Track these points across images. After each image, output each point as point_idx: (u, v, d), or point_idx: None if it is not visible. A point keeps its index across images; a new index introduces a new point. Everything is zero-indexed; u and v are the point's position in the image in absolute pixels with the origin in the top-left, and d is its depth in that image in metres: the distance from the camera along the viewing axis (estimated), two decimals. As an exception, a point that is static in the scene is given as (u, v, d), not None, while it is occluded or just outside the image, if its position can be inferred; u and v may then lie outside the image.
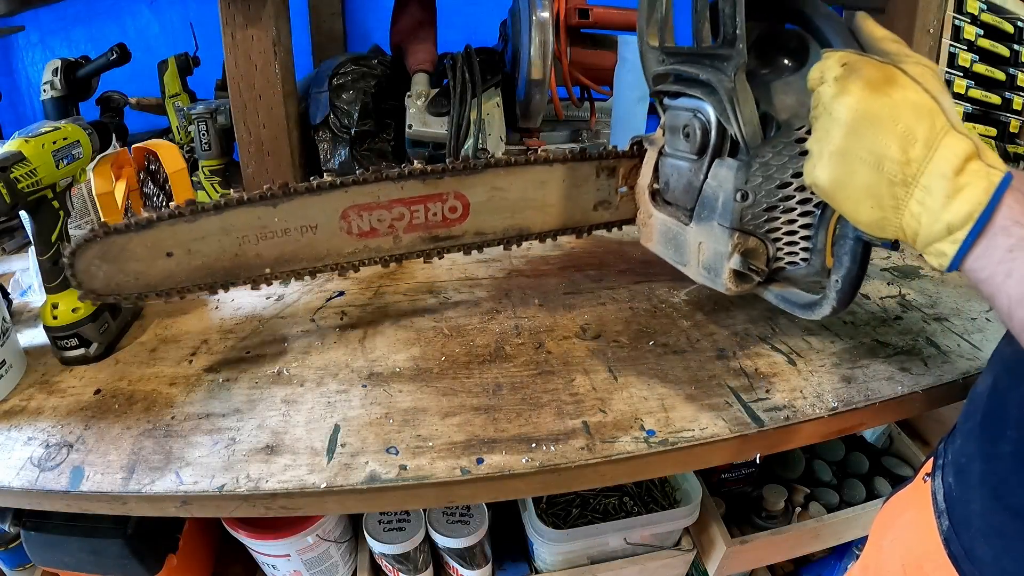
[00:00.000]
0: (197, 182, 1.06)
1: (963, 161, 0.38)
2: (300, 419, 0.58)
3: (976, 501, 0.45)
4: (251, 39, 0.88)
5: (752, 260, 0.56)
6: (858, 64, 0.42)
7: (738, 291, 0.58)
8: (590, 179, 0.68)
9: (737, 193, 0.54)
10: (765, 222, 0.56)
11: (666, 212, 0.64)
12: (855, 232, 0.49)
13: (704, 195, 0.58)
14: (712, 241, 0.58)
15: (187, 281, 0.58)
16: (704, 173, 0.57)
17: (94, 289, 0.56)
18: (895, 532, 0.55)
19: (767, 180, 0.54)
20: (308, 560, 0.75)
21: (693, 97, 0.57)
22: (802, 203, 0.55)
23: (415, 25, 1.06)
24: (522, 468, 0.52)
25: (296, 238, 0.60)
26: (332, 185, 0.59)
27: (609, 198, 0.70)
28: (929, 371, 0.64)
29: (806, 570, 1.03)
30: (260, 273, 0.60)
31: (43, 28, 1.32)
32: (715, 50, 0.52)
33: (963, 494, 0.46)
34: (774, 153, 0.53)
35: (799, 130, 0.52)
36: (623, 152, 0.68)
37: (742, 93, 0.51)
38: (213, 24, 0.88)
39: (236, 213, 0.57)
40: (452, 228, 0.65)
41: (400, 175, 0.61)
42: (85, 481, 0.51)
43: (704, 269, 0.60)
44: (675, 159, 0.61)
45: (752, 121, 0.52)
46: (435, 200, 0.63)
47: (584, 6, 1.03)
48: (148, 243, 0.56)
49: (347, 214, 0.61)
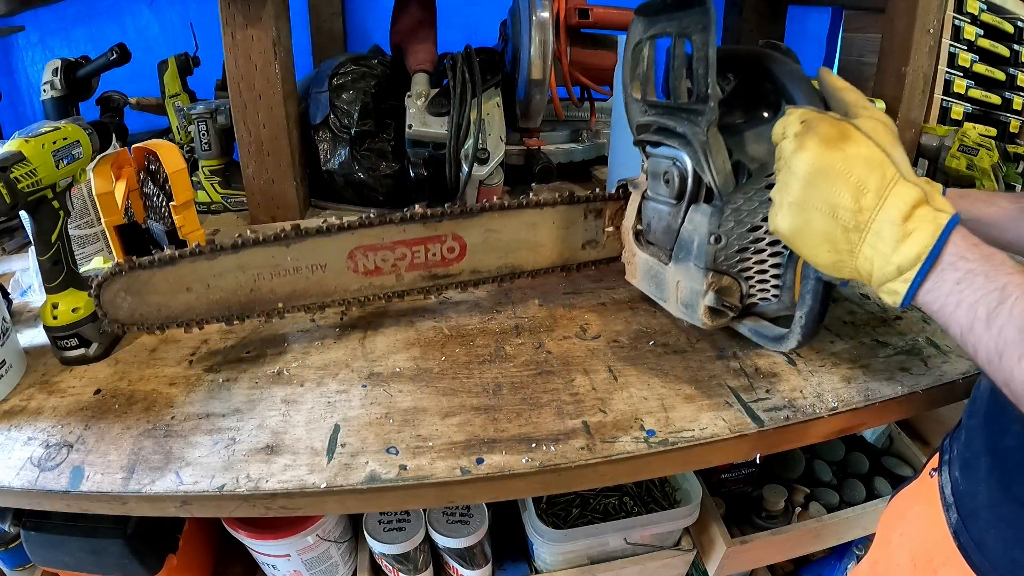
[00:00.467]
0: (197, 182, 1.06)
1: (911, 208, 0.42)
2: (300, 419, 0.58)
3: (984, 493, 0.46)
4: (251, 39, 0.88)
5: (726, 297, 0.60)
6: (815, 121, 0.46)
7: (713, 325, 0.62)
8: (578, 221, 0.72)
9: (711, 236, 0.58)
10: (738, 262, 0.60)
11: (648, 251, 0.68)
12: (816, 273, 0.53)
13: (681, 238, 0.62)
14: (689, 280, 0.62)
15: (206, 314, 0.62)
16: (681, 218, 0.62)
17: (119, 319, 0.60)
18: (904, 526, 0.56)
19: (739, 224, 0.58)
20: (308, 560, 0.75)
21: (672, 147, 0.60)
22: (771, 244, 0.59)
23: (415, 25, 1.06)
24: (522, 468, 0.52)
25: (307, 276, 0.64)
26: (340, 228, 0.63)
27: (596, 237, 0.74)
28: (929, 371, 0.64)
29: (806, 570, 1.03)
30: (273, 307, 0.65)
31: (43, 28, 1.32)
32: (690, 105, 0.56)
33: (970, 487, 0.48)
34: (745, 199, 0.57)
35: (768, 177, 0.56)
36: (609, 195, 0.72)
37: (715, 146, 0.55)
38: (213, 24, 0.88)
39: (252, 252, 0.61)
40: (450, 267, 0.69)
41: (403, 219, 0.65)
42: (85, 481, 0.51)
43: (682, 305, 0.65)
44: (656, 203, 0.66)
45: (724, 171, 0.55)
46: (434, 241, 0.67)
47: (584, 6, 1.03)
48: (170, 279, 0.60)
49: (354, 254, 0.65)
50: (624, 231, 0.72)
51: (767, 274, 0.61)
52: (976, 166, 1.06)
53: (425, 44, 1.05)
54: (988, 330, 0.37)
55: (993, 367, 0.38)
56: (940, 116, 1.21)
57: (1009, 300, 0.37)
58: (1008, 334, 0.36)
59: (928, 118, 1.19)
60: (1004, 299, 0.37)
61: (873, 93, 1.18)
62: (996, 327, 0.37)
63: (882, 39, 1.15)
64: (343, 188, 1.04)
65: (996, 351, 0.37)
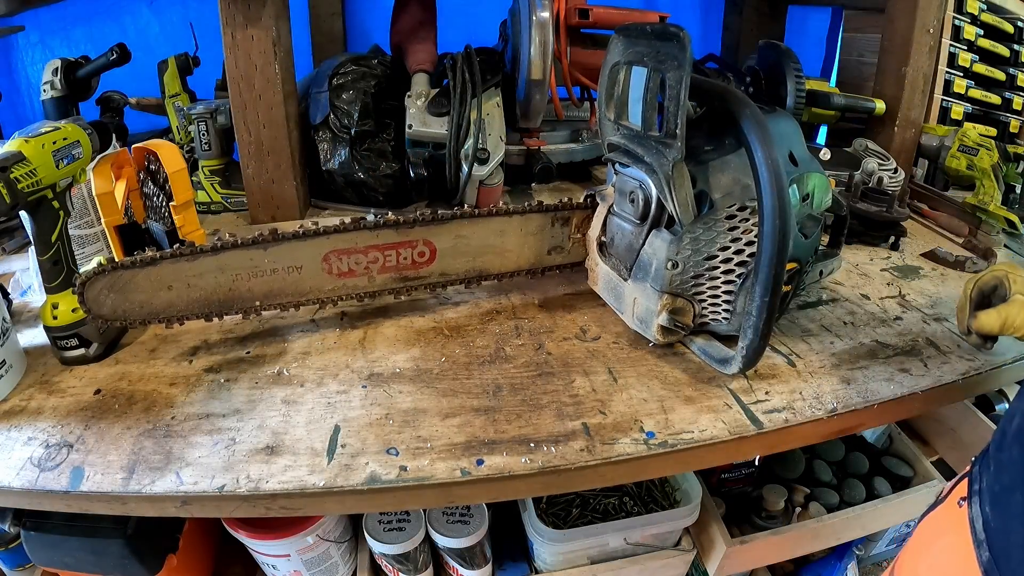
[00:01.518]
0: (197, 182, 1.06)
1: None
2: (300, 419, 0.58)
3: (1017, 532, 0.44)
4: (251, 39, 0.88)
5: (679, 317, 0.64)
6: None
7: (665, 342, 0.66)
8: (545, 228, 0.75)
9: (668, 262, 0.61)
10: (692, 286, 0.63)
11: (609, 264, 0.71)
12: (757, 309, 0.56)
13: (640, 259, 0.65)
14: (645, 299, 0.65)
15: (186, 310, 0.65)
16: (643, 239, 0.64)
17: (102, 314, 0.62)
18: (932, 558, 0.54)
19: (696, 252, 0.61)
20: (308, 560, 0.75)
21: (639, 171, 0.62)
22: (726, 272, 0.62)
23: (415, 25, 1.06)
24: (522, 469, 0.52)
25: (283, 276, 0.67)
26: (316, 232, 0.66)
27: (562, 244, 0.77)
28: (929, 372, 0.64)
29: (806, 570, 1.03)
30: (251, 305, 0.67)
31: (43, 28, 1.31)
32: (660, 138, 0.58)
33: (1003, 524, 0.46)
34: (704, 229, 0.60)
35: (730, 208, 0.59)
36: (577, 204, 0.75)
37: (678, 180, 0.57)
38: (213, 24, 0.88)
39: (231, 254, 0.63)
40: (420, 270, 0.72)
41: (376, 225, 0.67)
42: (85, 481, 0.51)
43: (637, 319, 0.68)
44: (621, 220, 0.68)
45: (686, 204, 0.58)
46: (406, 246, 0.70)
47: (584, 6, 1.03)
48: (152, 277, 0.62)
49: (328, 257, 0.67)
50: (589, 240, 0.75)
51: (719, 299, 0.64)
52: (976, 166, 1.06)
53: (425, 44, 1.05)
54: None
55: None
56: (940, 116, 1.21)
57: None
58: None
59: (928, 118, 1.19)
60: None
61: (873, 93, 1.18)
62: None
63: (882, 39, 1.15)
64: (343, 188, 1.04)
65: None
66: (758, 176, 0.52)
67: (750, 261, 0.61)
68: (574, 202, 0.74)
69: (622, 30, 0.63)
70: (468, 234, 0.71)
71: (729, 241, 0.60)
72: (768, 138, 0.52)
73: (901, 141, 1.16)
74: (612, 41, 0.64)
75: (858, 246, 0.94)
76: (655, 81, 0.57)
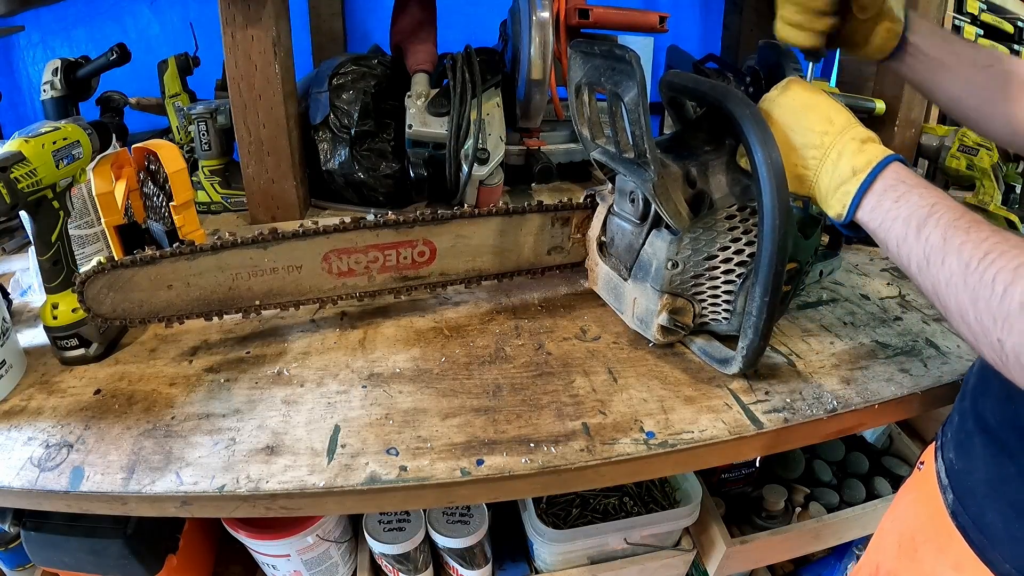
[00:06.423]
0: (197, 182, 1.06)
1: (867, 138, 0.52)
2: (300, 420, 0.58)
3: (980, 470, 0.48)
4: (251, 39, 0.88)
5: (679, 317, 0.64)
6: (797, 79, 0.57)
7: (665, 341, 0.66)
8: (545, 228, 0.75)
9: (668, 262, 0.61)
10: (692, 286, 0.63)
11: (609, 264, 0.71)
12: (757, 309, 0.56)
13: (641, 259, 0.65)
14: (645, 299, 0.65)
15: (185, 309, 0.65)
16: (643, 239, 0.64)
17: (101, 313, 0.62)
18: (894, 514, 0.58)
19: (696, 252, 0.61)
20: (308, 560, 0.75)
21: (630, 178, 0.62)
22: (726, 272, 0.62)
23: (415, 25, 1.06)
24: (522, 469, 0.52)
25: (283, 276, 0.67)
26: (316, 231, 0.65)
27: (562, 244, 0.77)
28: (928, 372, 0.64)
29: (806, 570, 1.03)
30: (251, 304, 0.67)
31: (43, 28, 1.31)
32: (633, 159, 0.58)
33: (965, 466, 0.50)
34: (704, 229, 0.60)
35: (730, 208, 0.59)
36: (577, 204, 0.75)
37: (662, 196, 0.57)
38: (213, 24, 0.88)
39: (231, 253, 0.63)
40: (420, 270, 0.72)
41: (376, 224, 0.67)
42: (85, 481, 0.51)
43: (637, 319, 0.68)
44: (621, 220, 0.68)
45: (677, 212, 0.58)
46: (406, 246, 0.70)
47: (584, 6, 1.03)
48: (151, 276, 0.62)
49: (328, 256, 0.67)
50: (589, 240, 0.75)
51: (719, 299, 0.64)
52: (976, 166, 1.06)
53: (425, 44, 1.05)
54: (918, 240, 0.44)
55: (923, 274, 0.43)
56: (940, 116, 1.21)
57: (936, 213, 0.43)
58: (933, 241, 0.42)
59: (928, 118, 1.19)
60: (932, 213, 0.44)
61: (873, 93, 1.18)
62: (924, 236, 0.43)
63: (882, 39, 1.15)
64: (343, 188, 1.04)
65: (924, 257, 0.43)
66: (758, 176, 0.52)
67: (750, 261, 0.61)
68: (574, 202, 0.74)
69: (576, 46, 0.63)
70: (468, 234, 0.71)
71: (729, 241, 0.61)
72: (768, 138, 0.52)
73: (901, 141, 1.15)
74: (571, 58, 0.64)
75: (858, 246, 0.94)
76: (616, 104, 0.57)
